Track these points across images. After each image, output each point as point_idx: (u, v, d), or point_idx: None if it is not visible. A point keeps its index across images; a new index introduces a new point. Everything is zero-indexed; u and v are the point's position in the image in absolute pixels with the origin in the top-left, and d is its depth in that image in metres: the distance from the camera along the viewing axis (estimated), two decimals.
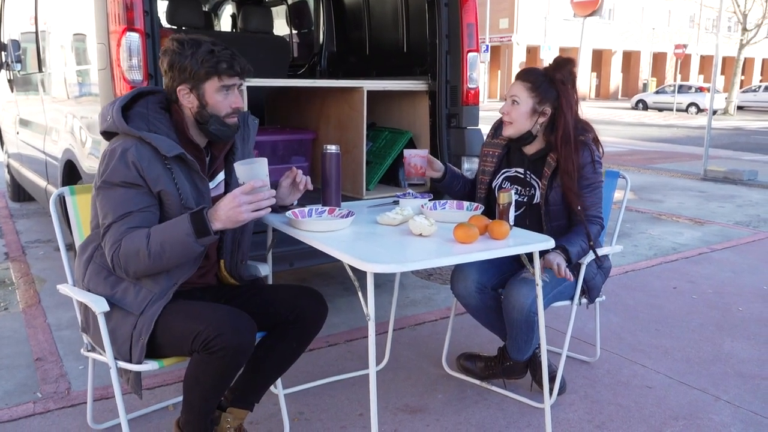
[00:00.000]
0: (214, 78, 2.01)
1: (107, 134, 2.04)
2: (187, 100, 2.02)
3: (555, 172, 2.56)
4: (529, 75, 2.57)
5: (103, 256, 2.00)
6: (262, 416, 2.53)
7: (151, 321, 1.93)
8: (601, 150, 2.62)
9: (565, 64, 2.55)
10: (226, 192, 2.17)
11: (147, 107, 2.02)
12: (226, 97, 2.04)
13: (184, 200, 1.98)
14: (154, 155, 1.93)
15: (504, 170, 2.74)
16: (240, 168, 1.95)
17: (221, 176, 2.19)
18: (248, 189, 1.88)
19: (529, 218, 2.64)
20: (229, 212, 1.87)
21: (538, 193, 2.62)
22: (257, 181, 1.90)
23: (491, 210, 2.57)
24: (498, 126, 2.76)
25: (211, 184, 2.12)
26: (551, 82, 2.53)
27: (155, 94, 2.09)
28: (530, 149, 2.65)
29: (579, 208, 2.53)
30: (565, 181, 2.53)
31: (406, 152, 2.66)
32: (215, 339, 1.84)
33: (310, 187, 2.30)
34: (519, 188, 2.67)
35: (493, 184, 2.74)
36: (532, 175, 2.65)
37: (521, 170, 2.68)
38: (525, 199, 2.65)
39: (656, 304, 3.92)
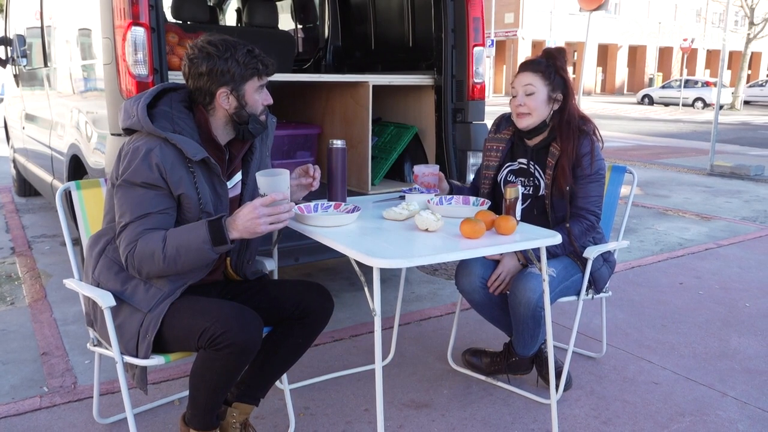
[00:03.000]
0: (254, 78, 2.02)
1: (128, 131, 2.03)
2: (226, 102, 2.01)
3: (558, 162, 2.57)
4: (538, 65, 2.58)
5: (115, 251, 2.00)
6: (267, 411, 2.53)
7: (158, 319, 1.93)
8: (600, 142, 2.63)
9: (560, 52, 2.61)
10: (242, 193, 2.18)
11: (171, 106, 2.00)
12: (261, 96, 2.06)
13: (203, 204, 1.97)
14: (178, 157, 1.92)
15: (508, 164, 2.73)
16: (262, 179, 1.95)
17: (238, 176, 2.18)
18: (268, 201, 1.87)
19: (537, 209, 2.64)
20: (247, 223, 1.87)
21: (542, 184, 2.62)
22: (278, 194, 1.90)
23: (496, 204, 2.58)
24: (500, 122, 2.76)
25: (228, 184, 2.12)
26: (557, 69, 2.57)
27: (177, 90, 2.07)
28: (534, 140, 2.66)
29: (567, 188, 2.54)
30: (562, 164, 2.54)
31: (417, 169, 2.65)
32: (221, 336, 1.84)
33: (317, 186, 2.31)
34: (524, 180, 2.68)
35: (498, 178, 2.74)
36: (536, 166, 2.65)
37: (524, 161, 2.68)
38: (530, 190, 2.66)
39: (662, 300, 3.91)
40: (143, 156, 1.89)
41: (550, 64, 2.57)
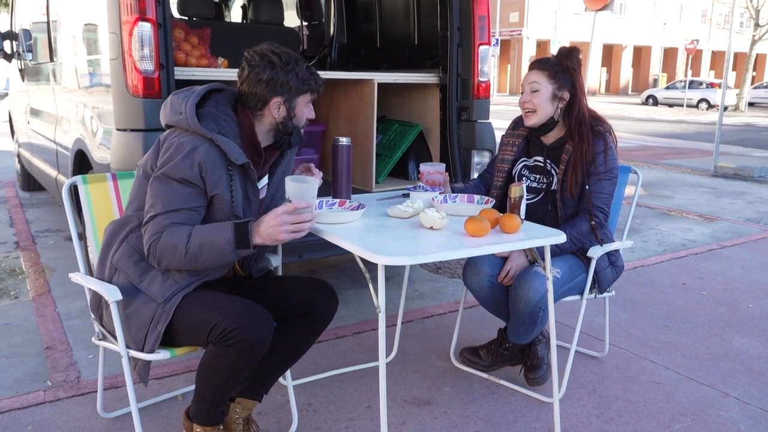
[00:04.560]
0: (308, 94, 2.09)
1: (168, 126, 2.04)
2: (277, 111, 2.05)
3: (570, 160, 2.59)
4: (545, 63, 2.61)
5: (138, 239, 2.01)
6: (270, 407, 2.54)
7: (170, 309, 1.95)
8: (614, 142, 2.64)
9: (572, 52, 2.62)
10: (264, 196, 2.20)
11: (217, 108, 2.03)
12: (307, 110, 2.13)
13: (234, 207, 1.99)
14: (220, 159, 1.94)
15: (523, 159, 2.76)
16: (290, 184, 1.95)
17: (265, 180, 2.21)
18: (291, 209, 1.88)
19: (551, 204, 2.66)
20: (269, 230, 1.88)
21: (555, 180, 2.64)
22: (301, 202, 1.90)
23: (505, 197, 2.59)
24: (518, 121, 2.79)
25: None
26: (564, 69, 2.59)
27: (223, 92, 2.09)
28: (549, 138, 2.68)
29: (578, 187, 2.57)
30: (574, 163, 2.56)
31: (422, 167, 2.67)
32: (233, 331, 1.85)
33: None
34: (538, 176, 2.70)
35: (513, 172, 2.77)
36: (552, 164, 2.67)
37: (541, 159, 2.70)
38: (544, 186, 2.68)
39: (665, 300, 3.91)
40: (187, 153, 1.90)
41: (558, 63, 2.59)
